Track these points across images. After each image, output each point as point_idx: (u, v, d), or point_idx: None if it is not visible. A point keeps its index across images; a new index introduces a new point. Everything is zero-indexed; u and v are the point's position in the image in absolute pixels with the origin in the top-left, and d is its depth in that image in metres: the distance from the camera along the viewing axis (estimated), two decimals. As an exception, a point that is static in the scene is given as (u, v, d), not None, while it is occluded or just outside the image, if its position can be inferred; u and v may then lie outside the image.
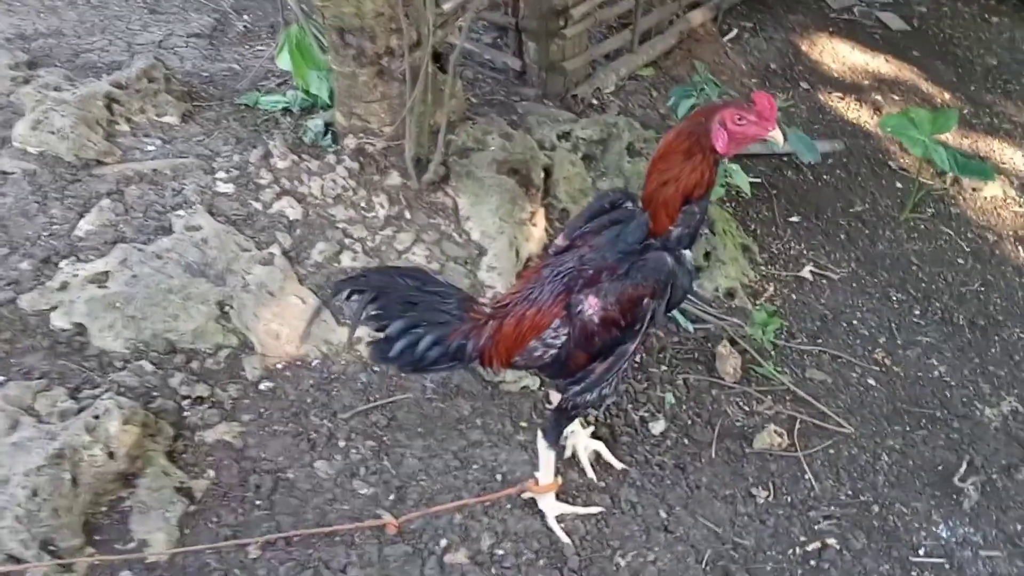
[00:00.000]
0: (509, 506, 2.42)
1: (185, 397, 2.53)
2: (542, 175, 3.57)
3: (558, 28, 4.19)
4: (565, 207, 3.61)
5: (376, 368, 2.72)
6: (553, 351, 2.03)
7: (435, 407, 2.66)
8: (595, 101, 4.55)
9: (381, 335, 2.04)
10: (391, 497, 2.40)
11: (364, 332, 2.40)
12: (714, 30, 5.44)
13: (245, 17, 5.31)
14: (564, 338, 2.01)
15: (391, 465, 2.47)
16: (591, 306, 1.96)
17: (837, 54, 5.63)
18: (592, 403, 2.13)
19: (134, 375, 2.54)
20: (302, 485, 2.39)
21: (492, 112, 4.07)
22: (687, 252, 2.02)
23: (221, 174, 3.31)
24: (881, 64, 5.56)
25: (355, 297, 2.03)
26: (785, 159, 4.47)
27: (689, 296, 2.65)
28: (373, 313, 2.01)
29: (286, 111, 3.88)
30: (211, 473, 2.37)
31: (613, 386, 2.11)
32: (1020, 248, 4.00)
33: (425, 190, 3.35)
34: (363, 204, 3.26)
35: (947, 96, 5.22)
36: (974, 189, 4.34)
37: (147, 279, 2.72)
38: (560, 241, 2.20)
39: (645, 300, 1.94)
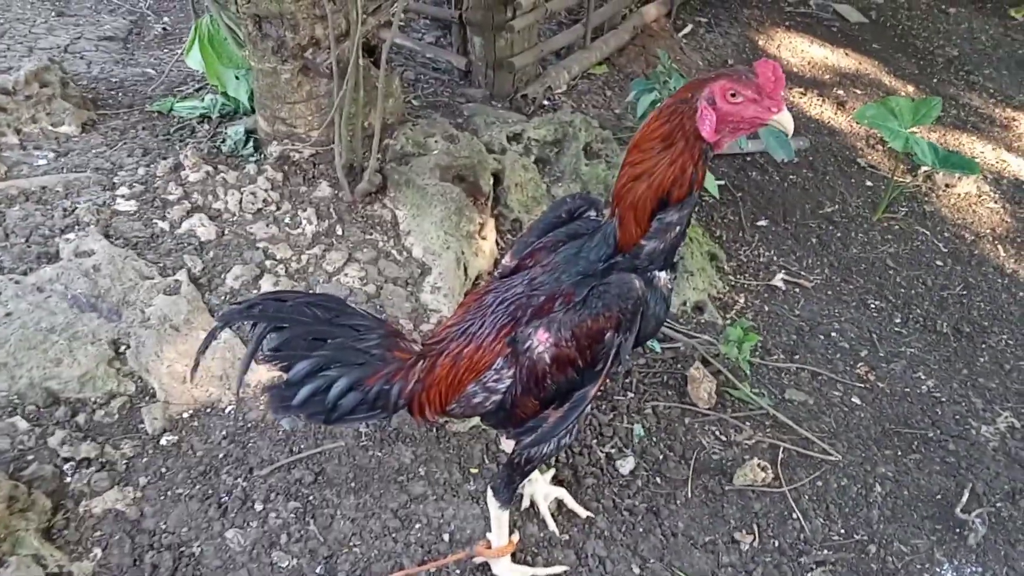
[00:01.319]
0: (458, 572, 2.07)
1: (67, 460, 2.12)
2: (491, 181, 3.22)
3: (505, 20, 3.86)
4: (517, 217, 3.27)
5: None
6: (496, 397, 1.67)
7: (370, 456, 2.29)
8: (546, 102, 4.22)
9: (283, 379, 1.64)
10: (318, 570, 2.02)
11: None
12: (668, 26, 5.18)
13: (165, 19, 4.88)
14: (509, 381, 1.65)
15: (318, 530, 2.10)
16: (541, 342, 1.60)
17: (795, 48, 5.42)
18: (549, 455, 1.78)
19: (3, 436, 2.12)
20: (210, 561, 2.00)
21: (436, 115, 3.72)
22: (661, 274, 1.64)
23: (123, 190, 2.91)
24: (841, 58, 5.36)
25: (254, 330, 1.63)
26: (748, 158, 4.20)
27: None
28: (270, 352, 1.62)
29: (204, 118, 3.48)
30: (97, 553, 1.97)
31: (574, 434, 1.76)
32: (1000, 247, 3.78)
33: (359, 202, 2.99)
34: (287, 220, 2.88)
35: (910, 89, 5.03)
36: (947, 186, 4.13)
37: (24, 317, 2.31)
38: (507, 261, 1.83)
39: (607, 334, 1.58)
